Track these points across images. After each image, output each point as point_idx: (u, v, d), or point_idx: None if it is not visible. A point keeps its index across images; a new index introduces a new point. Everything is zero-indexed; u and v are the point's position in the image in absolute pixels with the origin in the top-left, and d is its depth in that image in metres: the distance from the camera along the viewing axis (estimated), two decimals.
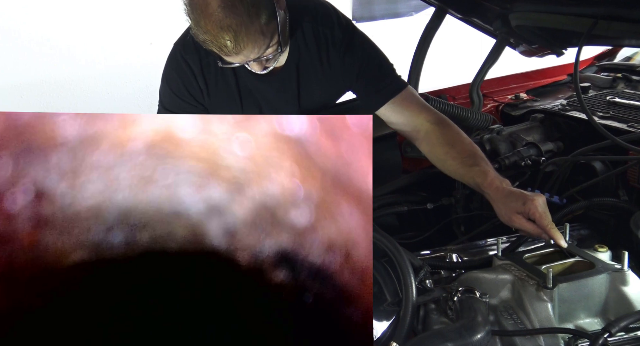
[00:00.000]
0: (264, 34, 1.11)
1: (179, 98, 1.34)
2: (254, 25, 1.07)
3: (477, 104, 1.87)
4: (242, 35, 1.06)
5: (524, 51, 1.86)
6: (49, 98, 3.34)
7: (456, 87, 2.03)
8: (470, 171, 1.18)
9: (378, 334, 0.93)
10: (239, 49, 1.09)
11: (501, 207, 1.09)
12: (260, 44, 1.11)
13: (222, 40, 1.07)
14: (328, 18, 1.32)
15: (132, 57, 3.47)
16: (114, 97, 3.50)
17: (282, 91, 1.35)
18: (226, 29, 1.05)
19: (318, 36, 1.31)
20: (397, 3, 4.47)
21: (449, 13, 1.82)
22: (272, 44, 1.15)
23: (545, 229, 1.01)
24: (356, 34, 1.34)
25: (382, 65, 1.35)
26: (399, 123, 1.34)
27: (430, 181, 1.53)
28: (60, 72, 3.32)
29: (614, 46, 2.10)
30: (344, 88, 1.42)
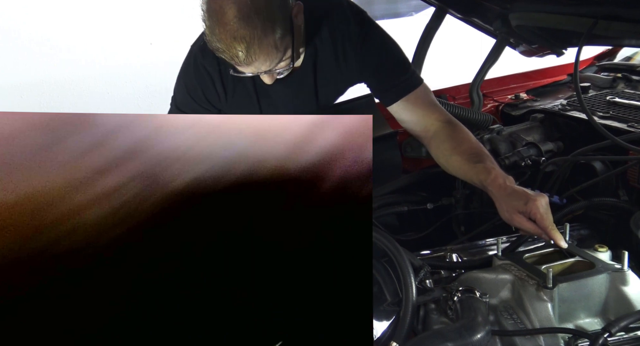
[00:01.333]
0: (277, 48, 1.11)
1: (194, 101, 1.35)
2: (268, 39, 1.07)
3: (477, 104, 1.87)
4: (255, 47, 1.07)
5: (524, 51, 1.86)
6: (49, 99, 3.34)
7: (456, 87, 2.03)
8: (474, 168, 1.17)
9: (378, 334, 0.93)
10: (251, 60, 1.09)
11: (503, 205, 1.08)
12: (273, 57, 1.12)
13: (234, 50, 1.07)
14: (343, 13, 1.31)
15: (132, 57, 3.46)
16: (114, 97, 3.50)
17: (300, 91, 1.35)
18: (239, 39, 1.05)
19: (334, 32, 1.30)
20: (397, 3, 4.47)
21: (449, 13, 1.82)
22: (285, 58, 1.15)
23: (546, 230, 1.00)
24: (372, 28, 1.33)
25: (399, 60, 1.34)
26: (409, 121, 1.32)
27: (430, 181, 1.53)
28: (60, 72, 3.32)
29: (614, 46, 2.10)
30: (357, 81, 1.41)
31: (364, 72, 1.34)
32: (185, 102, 1.38)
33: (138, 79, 3.52)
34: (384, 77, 1.32)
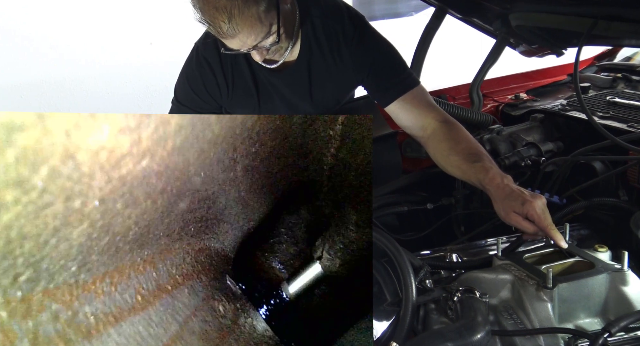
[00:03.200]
0: (262, 21, 1.11)
1: (196, 95, 1.37)
2: (250, 10, 1.08)
3: (477, 104, 1.87)
4: (237, 18, 1.07)
5: (524, 51, 1.86)
6: (49, 98, 3.34)
7: (456, 87, 2.03)
8: (472, 167, 1.17)
9: (378, 334, 0.92)
10: (234, 31, 1.09)
11: (500, 204, 1.08)
12: (258, 30, 1.12)
13: (217, 22, 1.08)
14: (339, 13, 1.32)
15: (132, 57, 3.47)
16: (114, 97, 3.50)
17: (294, 87, 1.36)
18: (221, 9, 1.06)
19: (329, 31, 1.31)
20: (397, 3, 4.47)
21: (449, 13, 1.82)
22: (272, 32, 1.15)
23: (545, 230, 1.00)
24: (368, 29, 1.34)
25: (394, 61, 1.35)
26: (407, 120, 1.33)
27: (430, 181, 1.53)
28: (60, 72, 3.32)
29: (614, 46, 2.10)
30: (355, 83, 1.42)
31: (359, 72, 1.35)
32: (186, 94, 1.39)
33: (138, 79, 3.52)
34: (381, 77, 1.33)
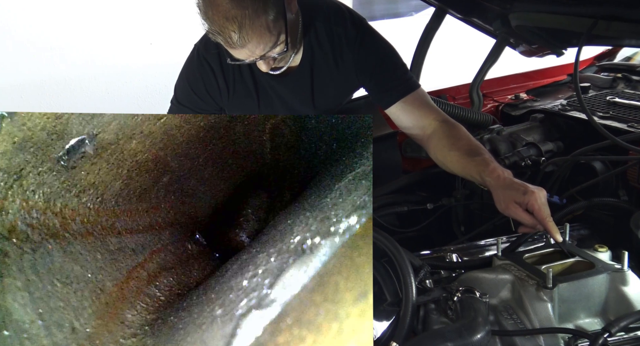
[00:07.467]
0: (270, 30, 1.11)
1: (196, 96, 1.37)
2: (260, 20, 1.08)
3: (477, 104, 1.87)
4: (247, 27, 1.07)
5: (524, 51, 1.86)
6: (49, 98, 3.34)
7: (456, 87, 2.03)
8: (472, 161, 1.17)
9: (378, 334, 0.92)
10: (244, 41, 1.09)
11: (500, 194, 1.07)
12: (266, 40, 1.12)
13: (228, 31, 1.08)
14: (341, 16, 1.32)
15: (132, 57, 3.47)
16: (114, 97, 3.50)
17: (296, 91, 1.36)
18: (231, 19, 1.06)
19: (331, 35, 1.31)
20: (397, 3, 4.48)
21: (449, 13, 1.82)
22: (279, 42, 1.15)
23: (542, 221, 1.00)
24: (369, 31, 1.34)
25: (396, 64, 1.35)
26: (407, 122, 1.33)
27: (430, 181, 1.53)
28: (60, 72, 3.32)
29: (614, 46, 2.10)
30: (357, 85, 1.42)
31: (361, 74, 1.35)
32: (186, 95, 1.39)
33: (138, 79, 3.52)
34: (383, 79, 1.33)
